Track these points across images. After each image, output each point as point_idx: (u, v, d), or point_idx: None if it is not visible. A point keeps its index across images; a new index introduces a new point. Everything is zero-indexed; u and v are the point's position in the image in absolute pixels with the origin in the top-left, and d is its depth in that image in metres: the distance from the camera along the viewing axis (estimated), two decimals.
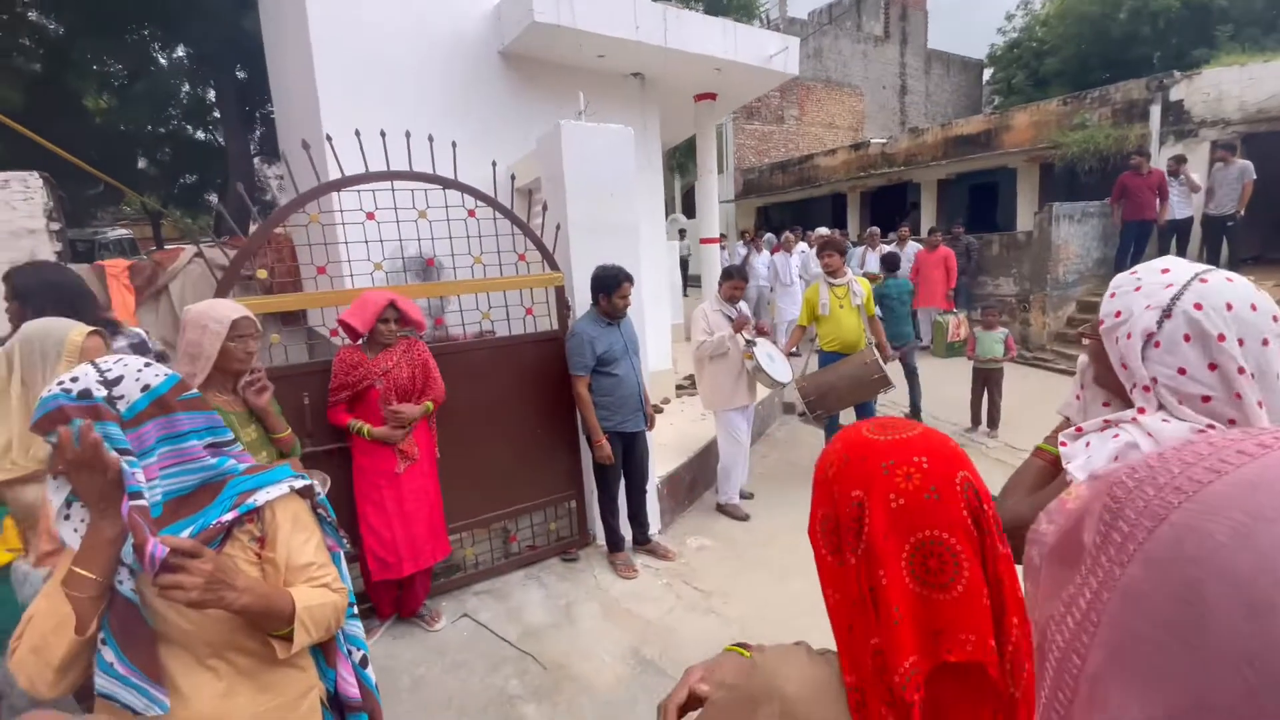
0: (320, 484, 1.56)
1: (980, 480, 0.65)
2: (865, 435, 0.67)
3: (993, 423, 5.26)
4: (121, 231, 14.19)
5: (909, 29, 19.98)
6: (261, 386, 2.01)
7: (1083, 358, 1.13)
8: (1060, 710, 0.28)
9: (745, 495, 4.21)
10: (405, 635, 2.97)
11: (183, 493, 1.06)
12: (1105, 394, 1.05)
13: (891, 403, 5.81)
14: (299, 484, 1.17)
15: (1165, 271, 0.94)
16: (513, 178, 3.57)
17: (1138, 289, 0.94)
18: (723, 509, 4.09)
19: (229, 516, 1.07)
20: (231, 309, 1.94)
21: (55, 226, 4.09)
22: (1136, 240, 7.56)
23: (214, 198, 13.99)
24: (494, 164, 3.31)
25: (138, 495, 0.97)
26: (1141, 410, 0.91)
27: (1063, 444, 1.01)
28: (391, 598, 2.98)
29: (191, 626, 1.03)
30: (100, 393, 0.97)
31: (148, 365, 1.05)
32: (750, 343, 3.83)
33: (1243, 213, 7.03)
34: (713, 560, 3.59)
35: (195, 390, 1.11)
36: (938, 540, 0.60)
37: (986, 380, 5.24)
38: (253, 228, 3.29)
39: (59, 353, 1.52)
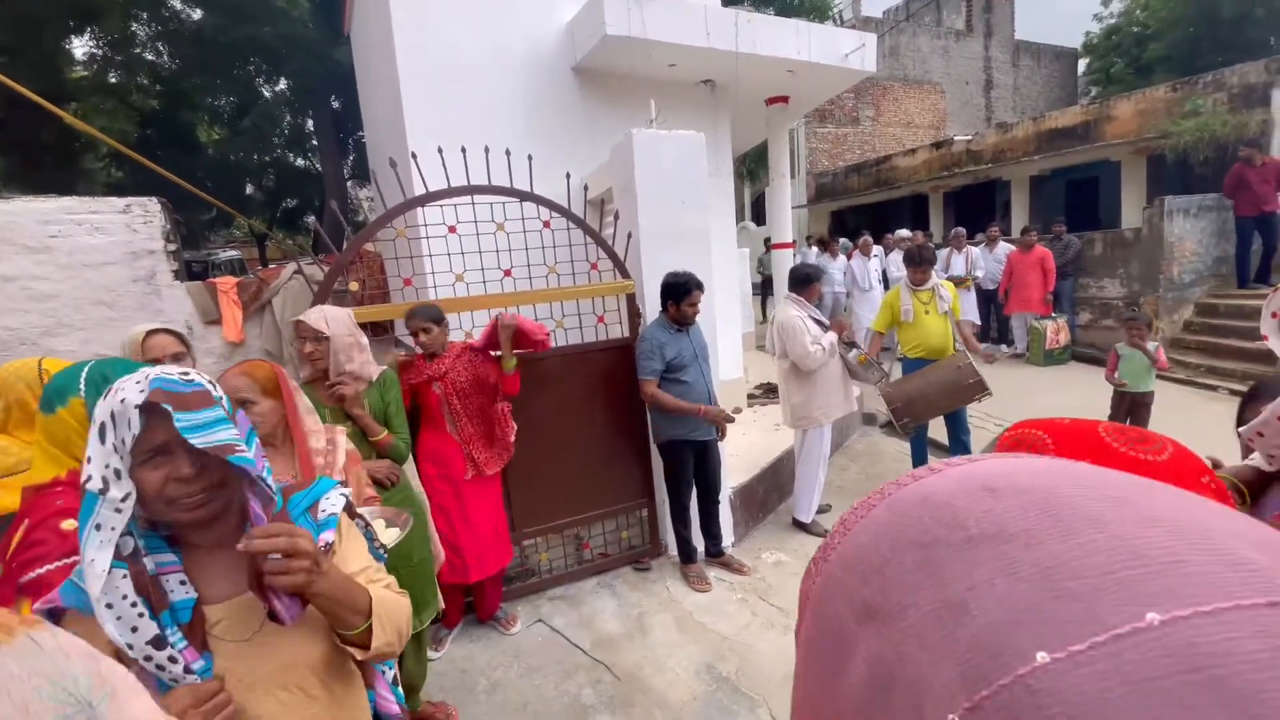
0: (402, 526, 1.60)
1: None
2: (1100, 436, 0.49)
3: None
4: (232, 253, 15.54)
5: (994, 21, 18.99)
6: (337, 393, 2.10)
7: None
8: None
9: (823, 509, 4.05)
10: (482, 638, 3.03)
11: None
12: None
13: (984, 414, 5.46)
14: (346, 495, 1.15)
15: None
16: (585, 189, 3.62)
17: None
18: (800, 525, 3.95)
19: (329, 535, 1.04)
20: (311, 314, 2.07)
21: (172, 248, 4.49)
22: (1260, 236, 6.81)
23: (311, 219, 15.08)
24: (568, 176, 3.37)
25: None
26: None
27: None
28: (459, 605, 3.02)
29: (254, 661, 0.95)
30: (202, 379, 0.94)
31: None
32: (850, 344, 3.70)
33: None
34: (789, 576, 3.47)
35: None
36: None
37: (1133, 409, 4.27)
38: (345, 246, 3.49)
39: (126, 351, 1.65)
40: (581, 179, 3.67)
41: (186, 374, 0.91)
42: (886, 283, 8.43)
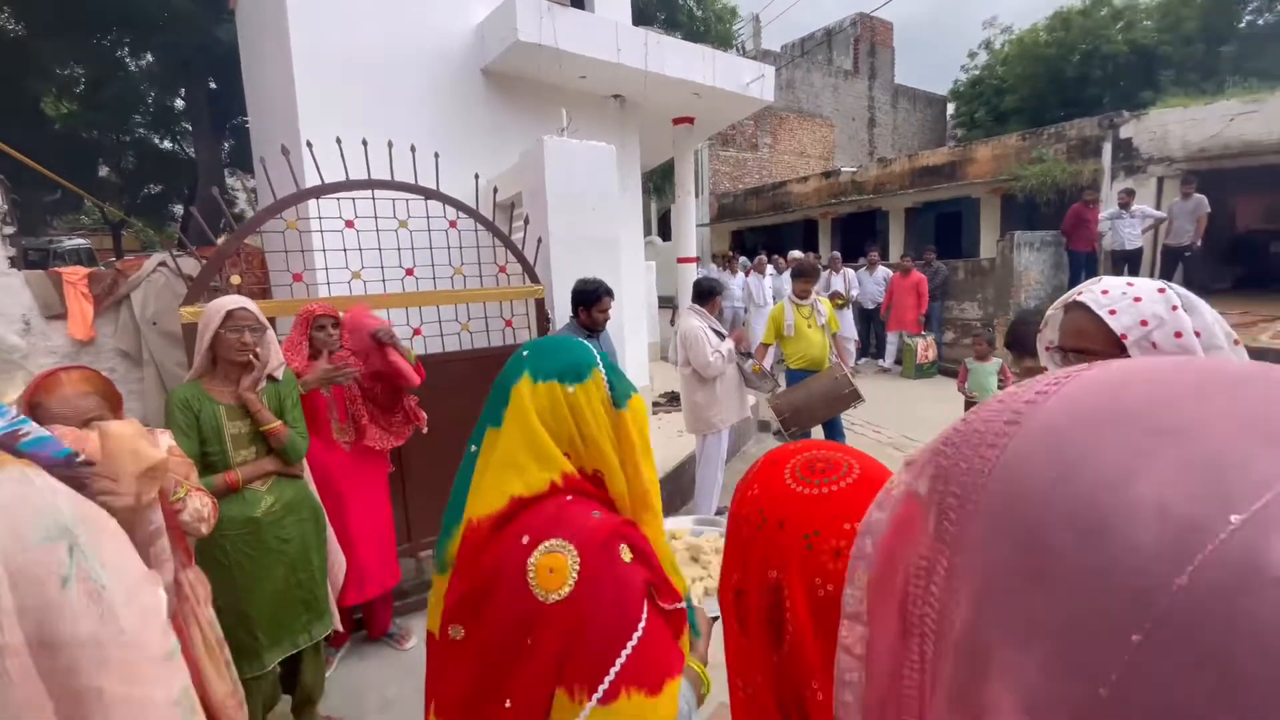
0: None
1: None
2: (786, 483, 0.52)
3: None
4: (79, 241, 13.72)
5: (877, 64, 20.75)
6: (255, 379, 1.97)
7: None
8: (940, 683, 0.27)
9: (721, 509, 4.21)
10: (374, 656, 2.87)
11: None
12: None
13: (865, 421, 5.91)
14: None
15: (1131, 284, 1.06)
16: (495, 191, 3.58)
17: (1138, 300, 1.03)
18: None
19: None
20: (232, 301, 1.91)
21: (9, 231, 3.94)
22: (1086, 269, 7.91)
23: (179, 209, 13.68)
24: (476, 176, 3.32)
25: None
26: None
27: None
28: (347, 623, 2.77)
29: None
30: None
31: None
32: (746, 354, 3.90)
33: (1199, 243, 7.42)
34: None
35: None
36: None
37: None
38: (223, 238, 3.22)
39: None
40: (489, 181, 3.62)
41: None
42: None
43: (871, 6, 14.20)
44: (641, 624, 0.78)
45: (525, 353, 0.92)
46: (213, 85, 10.99)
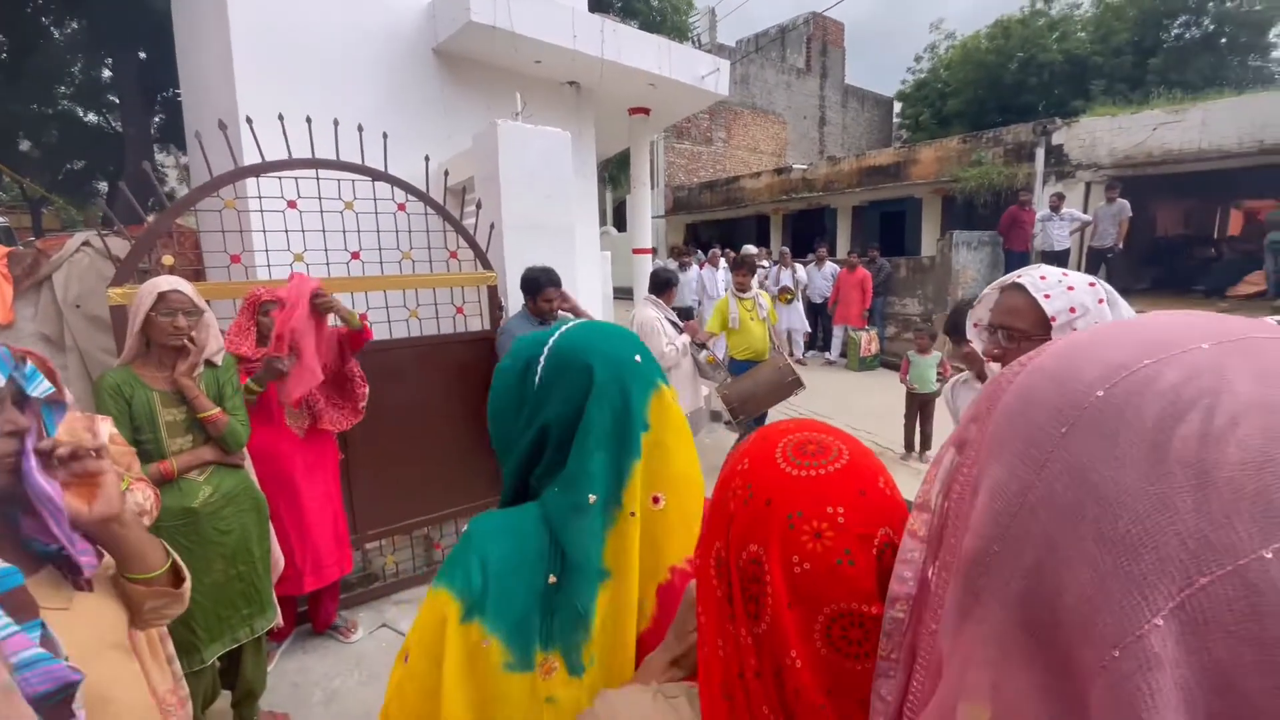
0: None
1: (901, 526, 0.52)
2: (776, 462, 0.54)
3: (925, 446, 5.24)
4: None
5: (828, 64, 21.20)
6: (191, 363, 1.88)
7: (992, 367, 1.27)
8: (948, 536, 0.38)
9: None
10: (318, 649, 2.80)
11: None
12: None
13: (812, 412, 6.08)
14: None
15: (1066, 274, 1.15)
16: (446, 174, 3.51)
17: (1070, 289, 1.12)
18: None
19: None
20: (165, 283, 1.82)
21: None
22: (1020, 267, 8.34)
23: (104, 186, 12.85)
24: (426, 159, 3.25)
25: None
26: None
27: None
28: (290, 616, 2.74)
29: (82, 627, 0.95)
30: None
31: None
32: (701, 346, 4.00)
33: (1121, 246, 7.90)
34: None
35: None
36: (857, 613, 0.49)
37: (922, 407, 5.13)
38: (153, 216, 3.05)
39: None
40: (440, 164, 3.54)
41: None
42: None
43: (824, 6, 14.48)
44: None
45: (638, 357, 0.77)
46: (142, 55, 10.32)
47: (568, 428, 0.73)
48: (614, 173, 14.22)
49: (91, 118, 12.21)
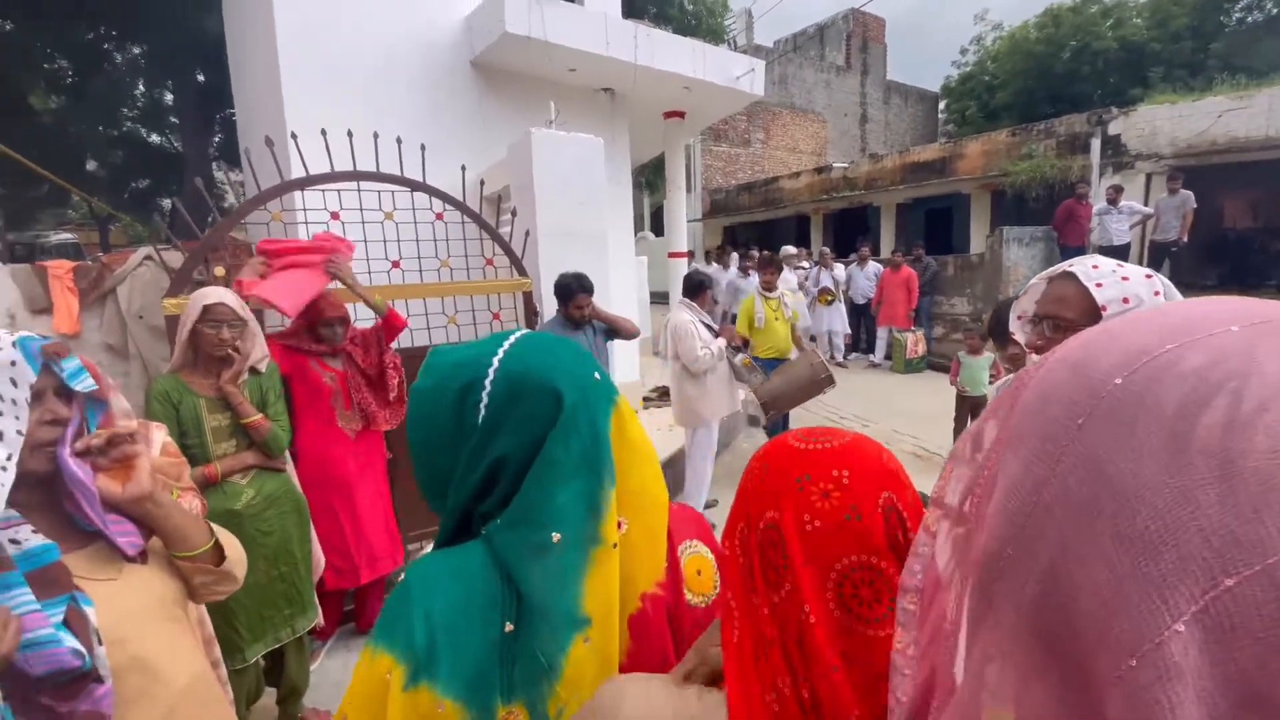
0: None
1: (913, 502, 0.55)
2: (789, 443, 0.59)
3: None
4: (65, 235, 13.58)
5: (869, 60, 20.78)
6: (235, 372, 1.95)
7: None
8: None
9: (710, 503, 4.23)
10: (362, 648, 2.87)
11: None
12: None
13: (854, 415, 5.94)
14: None
15: (1121, 265, 1.09)
16: (481, 184, 3.57)
17: (1125, 279, 1.06)
18: None
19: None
20: (210, 294, 1.90)
21: None
22: None
23: (169, 201, 13.57)
24: (463, 168, 3.31)
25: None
26: None
27: None
28: (336, 615, 2.83)
29: (130, 598, 1.00)
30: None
31: None
32: (737, 349, 3.98)
33: (1185, 239, 7.47)
34: None
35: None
36: (867, 566, 0.51)
37: (974, 410, 4.83)
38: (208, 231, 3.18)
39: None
40: (477, 174, 3.61)
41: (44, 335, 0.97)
42: None
43: (862, 2, 14.21)
44: None
45: (597, 374, 0.72)
46: (201, 78, 10.89)
47: (526, 460, 0.65)
48: (651, 178, 14.27)
49: (155, 138, 12.92)
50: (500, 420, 0.65)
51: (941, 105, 22.63)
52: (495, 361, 0.67)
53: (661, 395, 6.09)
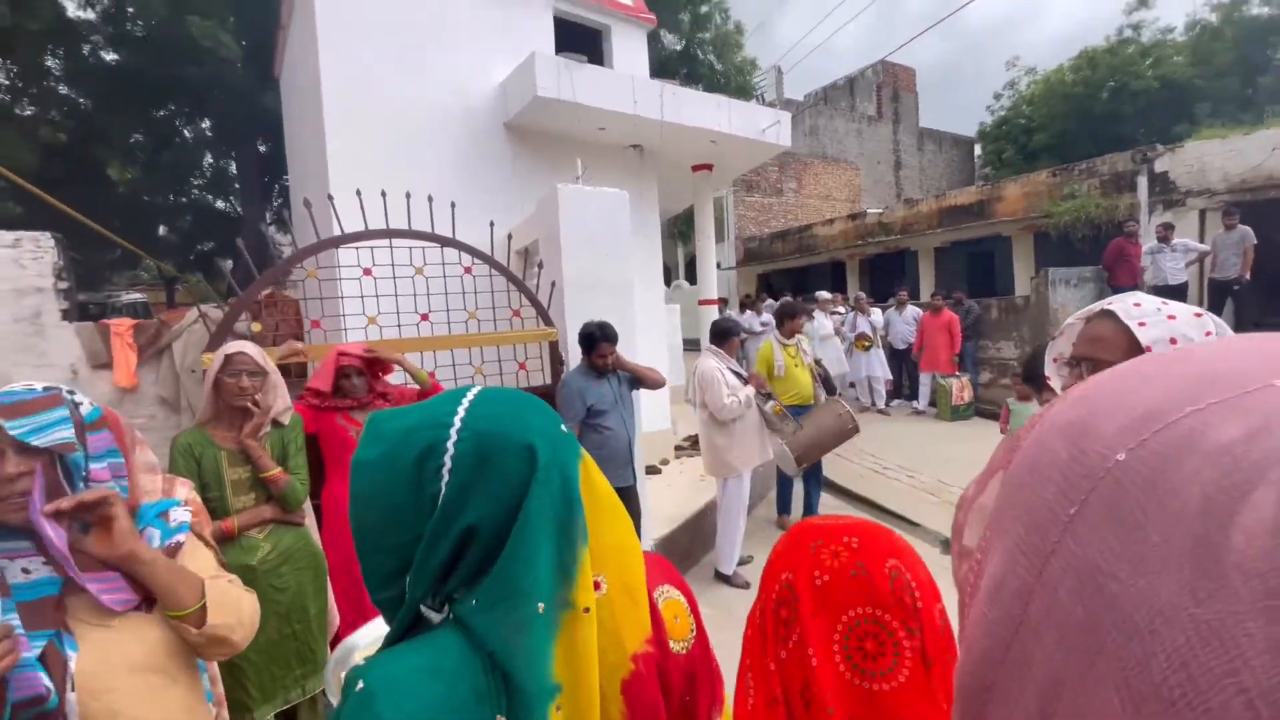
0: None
1: (919, 572, 0.59)
2: (810, 522, 0.67)
3: None
4: (135, 296, 14.55)
5: (901, 109, 20.96)
6: (256, 424, 1.97)
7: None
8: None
9: (744, 560, 4.05)
10: None
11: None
12: None
13: (899, 466, 5.69)
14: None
15: (1166, 304, 1.02)
16: (510, 238, 3.66)
17: (1172, 317, 0.98)
18: (722, 577, 3.93)
19: (181, 537, 1.11)
20: (232, 345, 1.96)
21: (64, 285, 4.17)
22: None
23: (228, 263, 14.44)
24: (491, 223, 3.40)
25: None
26: None
27: None
28: None
29: (119, 646, 1.00)
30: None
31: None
32: (767, 396, 3.90)
33: (1248, 276, 7.09)
34: (712, 631, 3.41)
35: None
36: (873, 619, 0.55)
37: None
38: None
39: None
40: (509, 229, 3.71)
41: (29, 384, 0.99)
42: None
43: (889, 52, 14.44)
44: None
45: (564, 426, 0.68)
46: (261, 148, 11.71)
47: (501, 527, 0.58)
48: (683, 228, 14.48)
49: (219, 204, 13.87)
50: (469, 485, 0.58)
51: (977, 149, 22.53)
52: (457, 421, 0.60)
53: (694, 444, 5.98)
